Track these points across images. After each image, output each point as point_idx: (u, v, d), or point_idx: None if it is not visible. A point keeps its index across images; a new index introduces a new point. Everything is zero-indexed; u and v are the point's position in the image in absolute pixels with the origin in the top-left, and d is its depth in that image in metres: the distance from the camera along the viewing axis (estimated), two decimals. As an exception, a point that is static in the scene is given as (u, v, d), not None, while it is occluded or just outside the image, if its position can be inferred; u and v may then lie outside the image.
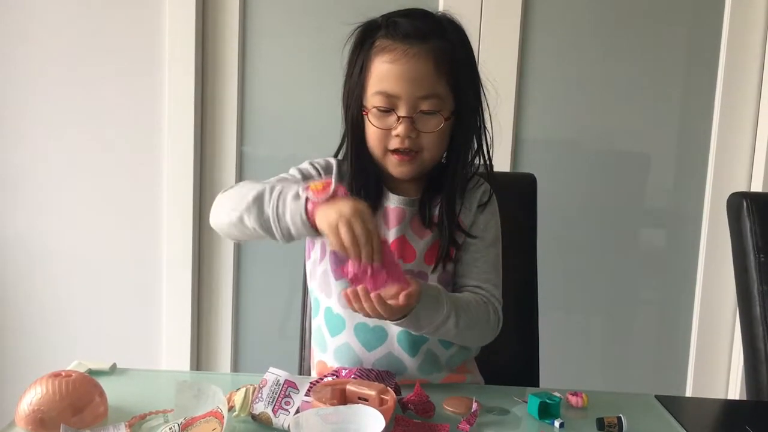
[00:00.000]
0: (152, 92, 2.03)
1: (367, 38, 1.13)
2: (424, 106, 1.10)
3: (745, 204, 1.38)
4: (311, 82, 2.07)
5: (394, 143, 1.12)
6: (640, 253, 2.16)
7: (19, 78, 2.04)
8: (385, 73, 1.10)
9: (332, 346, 1.19)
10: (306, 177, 1.17)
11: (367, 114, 1.12)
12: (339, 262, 1.13)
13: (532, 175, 1.51)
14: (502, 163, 2.00)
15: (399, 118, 1.10)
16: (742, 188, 2.06)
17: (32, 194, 2.08)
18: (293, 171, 1.19)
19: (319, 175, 1.19)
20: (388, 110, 1.11)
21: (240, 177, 2.10)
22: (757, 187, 2.04)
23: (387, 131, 1.11)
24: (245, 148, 2.10)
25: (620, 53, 2.07)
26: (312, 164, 1.20)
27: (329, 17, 2.04)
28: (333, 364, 1.19)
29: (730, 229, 1.43)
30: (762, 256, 1.36)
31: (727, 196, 1.45)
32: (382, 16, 1.14)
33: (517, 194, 1.44)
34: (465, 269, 1.19)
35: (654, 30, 2.06)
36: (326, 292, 1.19)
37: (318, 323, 1.22)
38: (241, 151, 2.10)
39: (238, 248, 2.12)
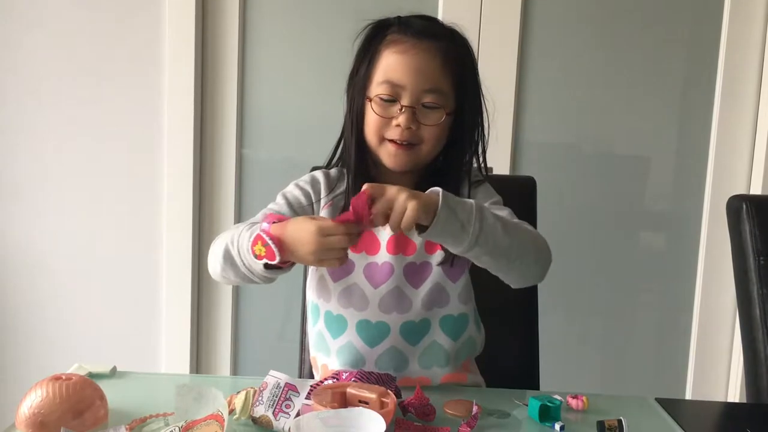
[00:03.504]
0: (152, 94, 2.03)
1: (379, 33, 1.16)
2: (428, 99, 1.12)
3: (744, 207, 1.39)
4: (311, 84, 2.07)
5: (393, 133, 1.13)
6: (640, 255, 2.16)
7: (18, 80, 2.04)
8: (393, 63, 1.12)
9: (335, 348, 1.18)
10: (292, 205, 1.18)
11: (370, 102, 1.14)
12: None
13: (532, 178, 1.51)
14: (501, 166, 2.00)
15: (402, 107, 1.12)
16: (742, 191, 2.06)
17: (32, 196, 2.08)
18: (279, 199, 1.20)
19: (307, 197, 1.19)
20: (391, 100, 1.12)
21: (239, 179, 2.10)
22: (756, 189, 2.04)
23: (388, 120, 1.13)
24: (245, 150, 2.10)
25: (619, 56, 2.07)
26: (297, 185, 1.21)
27: (329, 20, 2.04)
28: (336, 365, 1.18)
29: (730, 232, 1.43)
30: (762, 258, 1.36)
31: (727, 198, 1.45)
32: (395, 17, 1.17)
33: (517, 197, 1.44)
34: None
35: (653, 33, 2.06)
36: (324, 297, 1.19)
37: (318, 329, 1.21)
38: (241, 153, 2.10)
39: (238, 251, 2.12)
